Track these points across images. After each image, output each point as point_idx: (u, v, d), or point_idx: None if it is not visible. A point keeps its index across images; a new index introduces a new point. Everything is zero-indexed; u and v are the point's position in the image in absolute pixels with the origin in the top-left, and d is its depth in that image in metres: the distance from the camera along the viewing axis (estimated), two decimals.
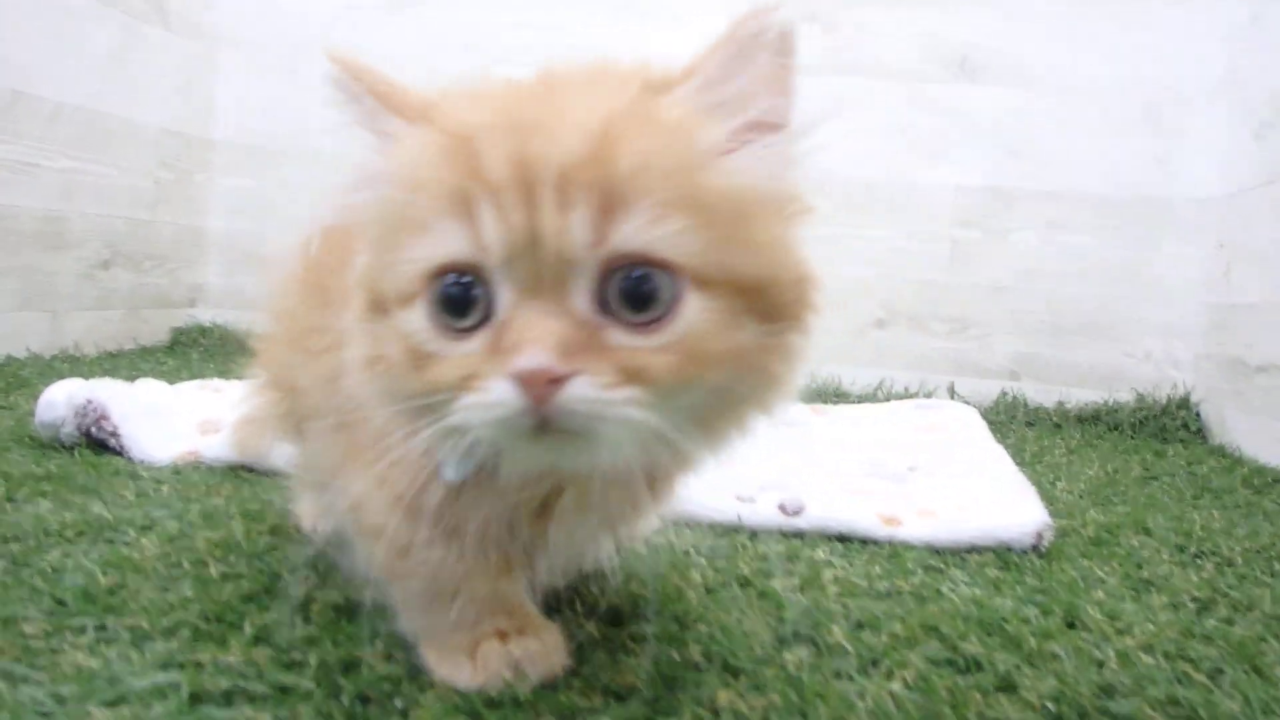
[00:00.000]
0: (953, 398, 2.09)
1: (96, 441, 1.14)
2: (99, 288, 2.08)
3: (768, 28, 0.49)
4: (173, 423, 1.17)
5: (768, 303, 0.48)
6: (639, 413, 0.44)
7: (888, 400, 1.97)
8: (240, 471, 1.10)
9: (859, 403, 1.95)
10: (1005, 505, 1.04)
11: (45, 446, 1.14)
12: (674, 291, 0.45)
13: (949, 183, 2.12)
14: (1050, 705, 0.62)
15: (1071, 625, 0.79)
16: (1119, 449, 1.77)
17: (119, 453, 1.13)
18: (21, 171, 1.85)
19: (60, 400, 1.12)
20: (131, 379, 1.68)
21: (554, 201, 0.44)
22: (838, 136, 1.95)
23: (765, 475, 1.10)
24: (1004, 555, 0.97)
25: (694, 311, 0.45)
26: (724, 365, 0.47)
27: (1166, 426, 1.93)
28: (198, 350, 2.23)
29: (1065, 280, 2.09)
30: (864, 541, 1.00)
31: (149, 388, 1.28)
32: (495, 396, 0.44)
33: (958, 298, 2.14)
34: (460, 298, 0.47)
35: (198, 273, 2.42)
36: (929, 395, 2.07)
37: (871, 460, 1.26)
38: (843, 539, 1.01)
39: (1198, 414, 1.95)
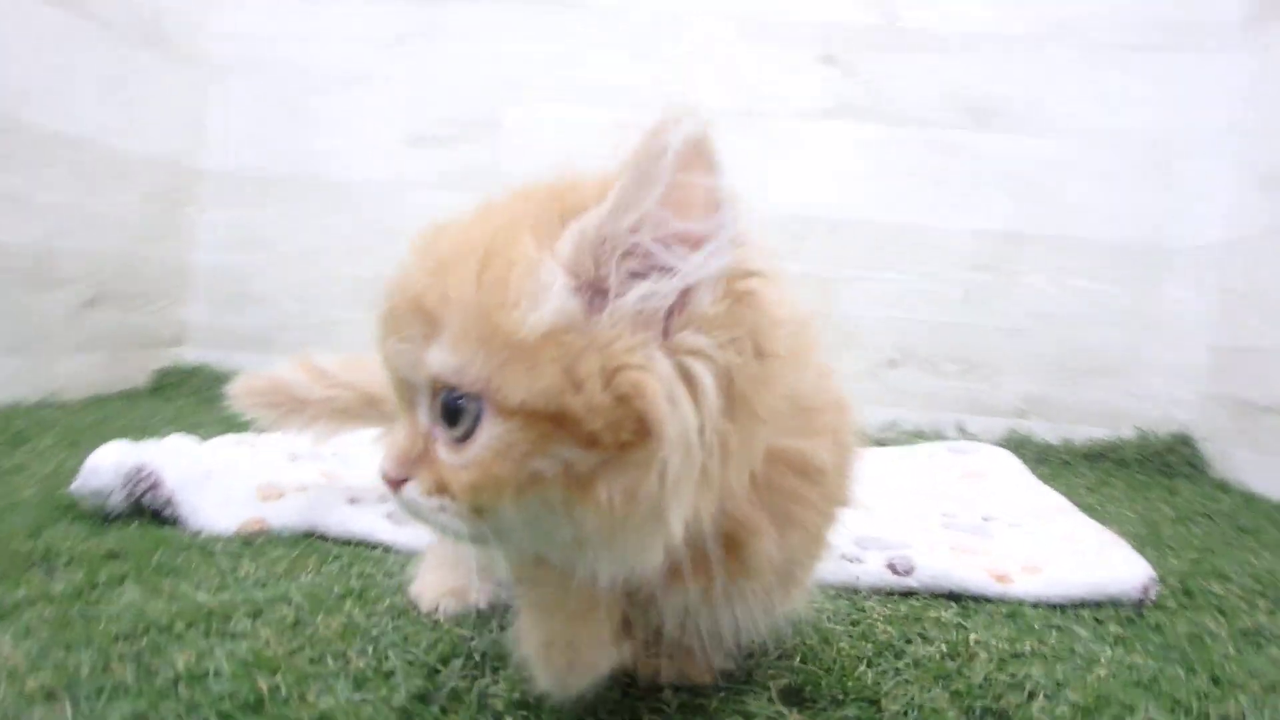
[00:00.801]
0: (962, 436, 2.11)
1: (148, 510, 1.05)
2: (84, 329, 1.96)
3: (668, 145, 0.46)
4: (230, 488, 1.09)
5: (581, 431, 0.46)
6: (446, 519, 0.50)
7: (901, 442, 1.98)
8: (314, 540, 1.03)
9: (875, 444, 1.96)
10: (1107, 559, 1.04)
11: (91, 517, 1.05)
12: (476, 413, 0.48)
13: (964, 227, 2.16)
14: None
15: (1217, 683, 0.79)
16: (1132, 486, 1.81)
17: (174, 522, 1.04)
18: (13, 205, 1.73)
19: (106, 468, 1.04)
20: (125, 427, 1.59)
21: (392, 331, 0.52)
22: (858, 180, 1.98)
23: (859, 531, 1.09)
24: (1114, 610, 0.97)
25: (489, 434, 0.48)
26: (519, 489, 0.48)
27: (1170, 463, 1.99)
28: (186, 394, 2.11)
29: (1073, 323, 2.14)
30: (975, 599, 0.99)
31: (193, 447, 1.20)
32: None
33: (969, 339, 2.17)
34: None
35: (183, 310, 2.31)
36: (939, 434, 2.09)
37: (942, 511, 1.26)
38: (953, 597, 1.00)
39: (1199, 451, 2.01)
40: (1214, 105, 2.07)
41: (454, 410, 0.49)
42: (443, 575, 0.87)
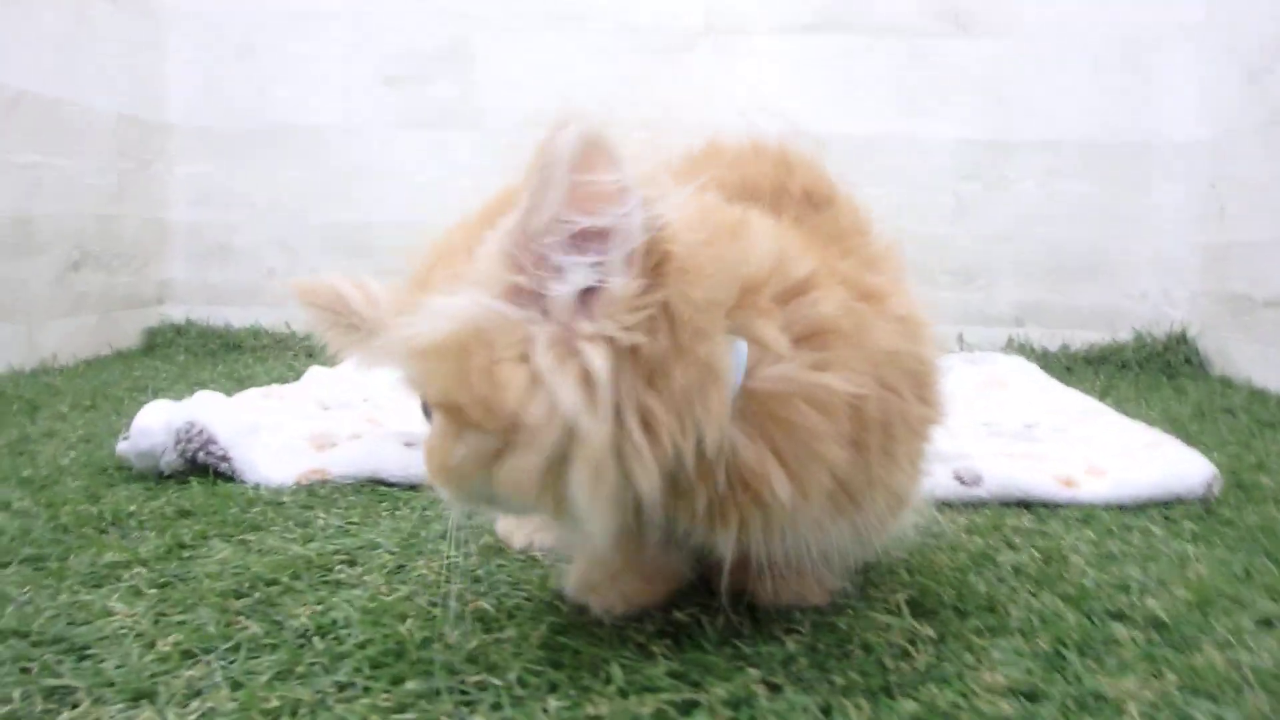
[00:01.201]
0: (960, 347, 2.14)
1: (201, 467, 1.02)
2: (71, 292, 1.88)
3: (562, 149, 0.48)
4: (282, 440, 1.06)
5: (470, 420, 0.52)
6: (442, 493, 0.57)
7: None
8: (377, 487, 1.01)
9: None
10: (1164, 457, 1.06)
11: (144, 478, 1.01)
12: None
13: (949, 136, 2.15)
14: None
15: None
16: (1139, 387, 1.85)
17: (230, 477, 1.01)
18: None
19: (157, 427, 1.00)
20: (133, 388, 1.54)
21: None
22: (841, 94, 1.95)
23: None
24: (1182, 507, 0.99)
25: (432, 428, 0.57)
26: (456, 470, 0.54)
27: (1170, 362, 2.03)
28: (181, 351, 2.05)
29: (1064, 226, 2.15)
30: (1045, 505, 1.00)
31: (226, 402, 1.16)
32: None
33: (962, 249, 2.18)
34: None
35: (164, 268, 2.22)
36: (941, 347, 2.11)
37: (982, 421, 1.27)
38: (1023, 504, 1.01)
39: (1196, 348, 2.05)
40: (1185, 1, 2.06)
41: (425, 410, 0.61)
42: None
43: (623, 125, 0.50)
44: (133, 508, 0.90)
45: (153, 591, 0.70)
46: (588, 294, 0.50)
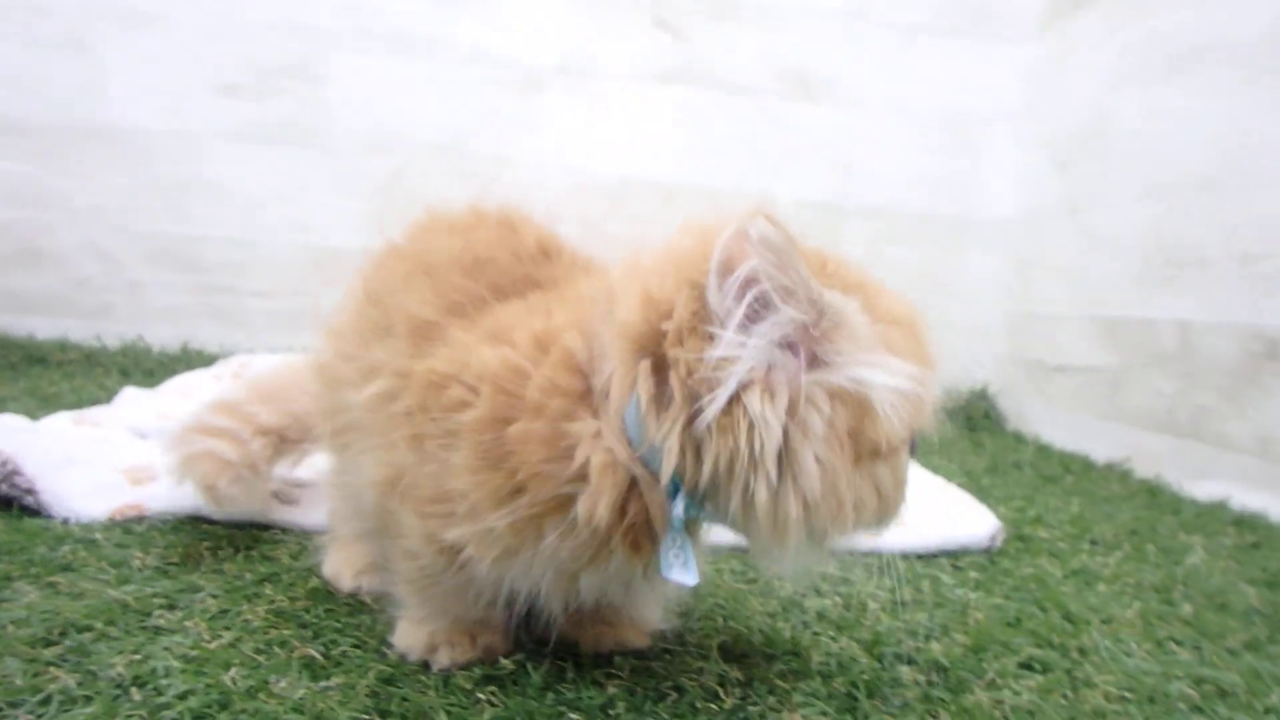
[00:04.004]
0: None
1: (2, 501, 0.96)
2: None
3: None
4: (96, 473, 1.01)
5: None
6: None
7: None
8: (200, 524, 0.98)
9: None
10: (959, 512, 1.17)
11: None
12: None
13: (790, 197, 2.27)
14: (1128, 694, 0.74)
15: (1068, 619, 0.92)
16: (942, 439, 2.01)
17: (35, 511, 0.96)
18: None
19: None
20: None
21: None
22: (685, 145, 2.01)
23: None
24: (968, 557, 1.10)
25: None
26: None
27: (972, 416, 2.22)
28: None
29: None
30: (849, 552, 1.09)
31: (30, 428, 1.09)
32: None
33: None
34: None
35: None
36: None
37: None
38: None
39: (995, 406, 2.26)
40: (1011, 90, 2.29)
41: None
42: (354, 552, 0.85)
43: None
44: None
45: None
46: None
